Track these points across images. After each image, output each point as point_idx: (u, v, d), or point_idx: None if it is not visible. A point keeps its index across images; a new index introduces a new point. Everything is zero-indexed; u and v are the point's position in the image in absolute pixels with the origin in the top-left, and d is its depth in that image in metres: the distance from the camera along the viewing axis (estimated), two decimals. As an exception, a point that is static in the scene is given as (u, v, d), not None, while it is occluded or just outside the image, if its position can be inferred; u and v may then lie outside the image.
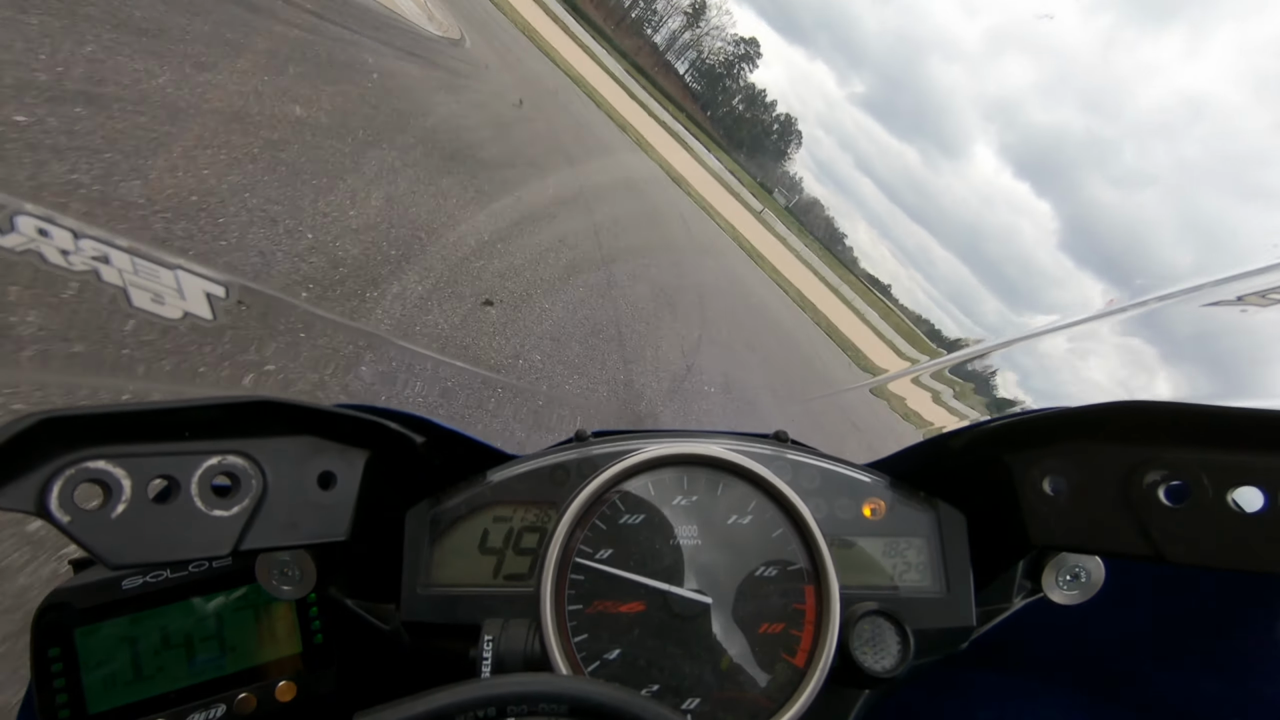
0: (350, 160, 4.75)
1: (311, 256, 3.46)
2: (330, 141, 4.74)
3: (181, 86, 3.83)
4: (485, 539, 0.63)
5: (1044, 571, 0.62)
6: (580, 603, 0.59)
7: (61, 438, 0.41)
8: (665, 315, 7.44)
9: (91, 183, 2.73)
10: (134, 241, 0.66)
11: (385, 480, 0.59)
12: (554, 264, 6.12)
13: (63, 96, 3.00)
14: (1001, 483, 0.60)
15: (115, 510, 0.43)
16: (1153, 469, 0.50)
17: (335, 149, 4.71)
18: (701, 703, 0.57)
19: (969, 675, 0.80)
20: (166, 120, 3.48)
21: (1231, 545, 0.46)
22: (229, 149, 3.72)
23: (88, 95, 3.15)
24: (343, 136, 4.96)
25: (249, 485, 0.49)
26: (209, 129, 3.74)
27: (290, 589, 0.57)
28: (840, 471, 0.68)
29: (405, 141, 5.84)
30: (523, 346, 4.35)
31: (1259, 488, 0.45)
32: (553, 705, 0.37)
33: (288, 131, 4.39)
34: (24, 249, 0.72)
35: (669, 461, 0.64)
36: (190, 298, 0.80)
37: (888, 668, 0.57)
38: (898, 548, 0.65)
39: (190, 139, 3.51)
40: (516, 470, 0.66)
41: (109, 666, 0.57)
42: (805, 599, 0.60)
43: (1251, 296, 0.85)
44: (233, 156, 3.69)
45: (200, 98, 3.91)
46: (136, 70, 3.62)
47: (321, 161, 4.41)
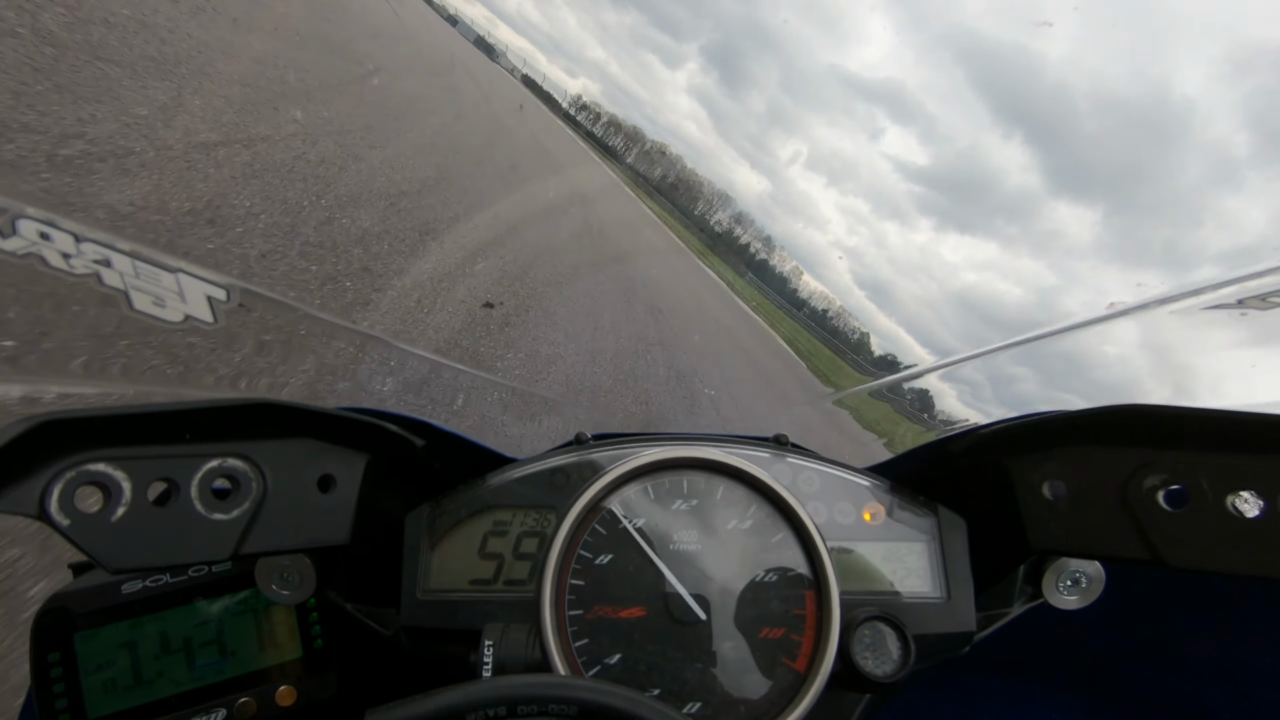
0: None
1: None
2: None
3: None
4: (485, 543, 0.63)
5: (1044, 576, 0.61)
6: (580, 608, 0.59)
7: (62, 440, 0.41)
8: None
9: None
10: (136, 245, 0.66)
11: (385, 484, 0.59)
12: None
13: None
14: (1001, 487, 0.60)
15: (115, 514, 0.43)
16: (1152, 473, 0.50)
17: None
18: (703, 707, 0.57)
19: (970, 680, 0.80)
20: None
21: (1231, 550, 0.46)
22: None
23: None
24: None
25: (249, 488, 0.49)
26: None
27: (290, 593, 0.57)
28: (840, 476, 0.68)
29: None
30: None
31: (1258, 492, 0.45)
32: (563, 706, 0.37)
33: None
34: (25, 252, 0.72)
35: (669, 465, 0.64)
36: (191, 301, 0.79)
37: (888, 672, 0.57)
38: (898, 552, 0.65)
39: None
40: (516, 474, 0.66)
41: (109, 671, 0.57)
42: (806, 604, 0.60)
43: (1252, 300, 0.84)
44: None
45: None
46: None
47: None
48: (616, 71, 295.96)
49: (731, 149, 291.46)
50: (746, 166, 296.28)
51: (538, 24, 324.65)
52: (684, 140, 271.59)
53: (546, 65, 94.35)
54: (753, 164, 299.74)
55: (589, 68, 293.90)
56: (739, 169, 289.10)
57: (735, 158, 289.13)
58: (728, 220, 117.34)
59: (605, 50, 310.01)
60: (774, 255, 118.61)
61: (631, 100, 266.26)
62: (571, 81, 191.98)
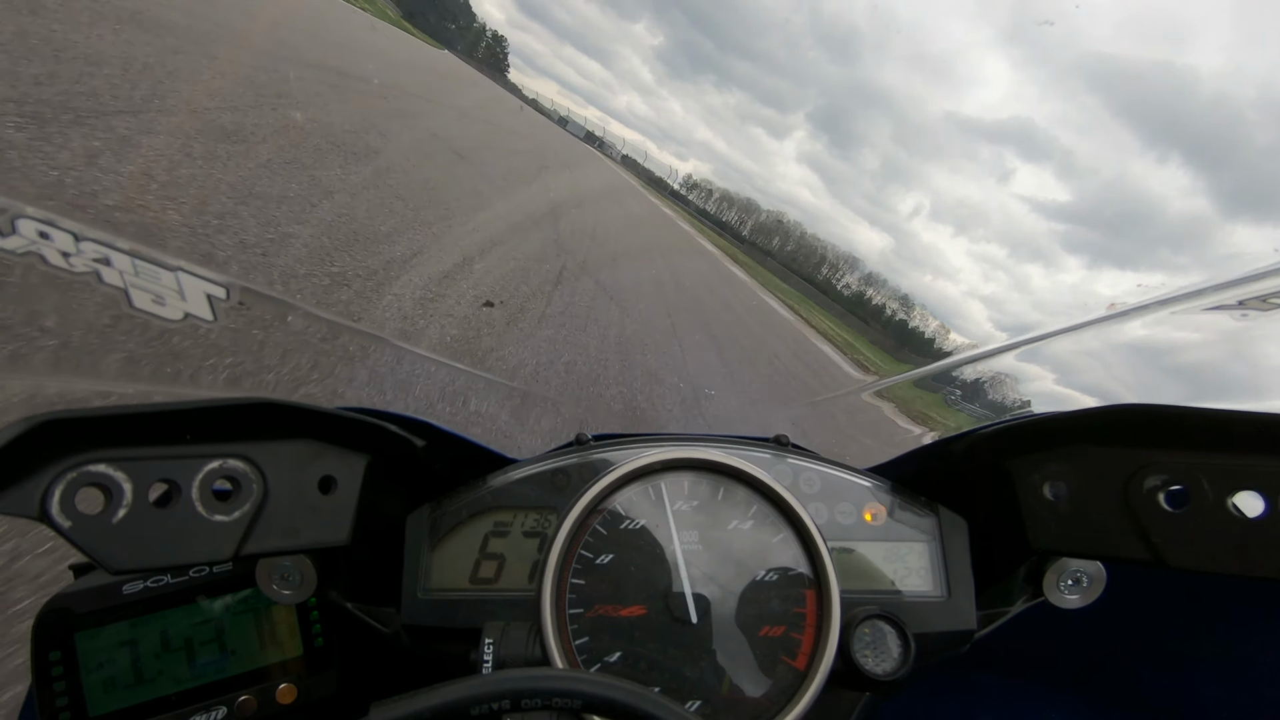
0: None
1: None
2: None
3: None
4: (486, 543, 0.63)
5: (1045, 576, 0.61)
6: (581, 606, 0.59)
7: (62, 441, 0.41)
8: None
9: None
10: (134, 243, 0.66)
11: (386, 484, 0.59)
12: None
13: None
14: (1002, 487, 0.60)
15: (116, 515, 0.43)
16: (1153, 473, 0.50)
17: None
18: (703, 705, 0.57)
19: (970, 678, 0.80)
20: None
21: (1232, 550, 0.46)
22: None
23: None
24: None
25: (249, 489, 0.49)
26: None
27: (291, 593, 0.57)
28: (841, 476, 0.68)
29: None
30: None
31: (1259, 492, 0.45)
32: (565, 699, 0.37)
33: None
34: (25, 251, 0.72)
35: (669, 466, 0.64)
36: (191, 299, 0.80)
37: (889, 671, 0.57)
38: (899, 552, 0.65)
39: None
40: (517, 475, 0.66)
41: (109, 669, 0.57)
42: (806, 603, 0.60)
43: (1253, 301, 0.85)
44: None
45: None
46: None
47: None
48: (724, 148, 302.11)
49: (847, 209, 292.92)
50: (865, 225, 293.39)
51: (646, 116, 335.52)
52: (798, 206, 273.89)
53: (656, 151, 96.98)
54: (871, 222, 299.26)
55: (697, 149, 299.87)
56: (857, 229, 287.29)
57: (852, 218, 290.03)
58: (856, 282, 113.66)
59: (712, 130, 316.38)
60: (913, 314, 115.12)
61: (741, 174, 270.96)
62: (681, 164, 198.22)
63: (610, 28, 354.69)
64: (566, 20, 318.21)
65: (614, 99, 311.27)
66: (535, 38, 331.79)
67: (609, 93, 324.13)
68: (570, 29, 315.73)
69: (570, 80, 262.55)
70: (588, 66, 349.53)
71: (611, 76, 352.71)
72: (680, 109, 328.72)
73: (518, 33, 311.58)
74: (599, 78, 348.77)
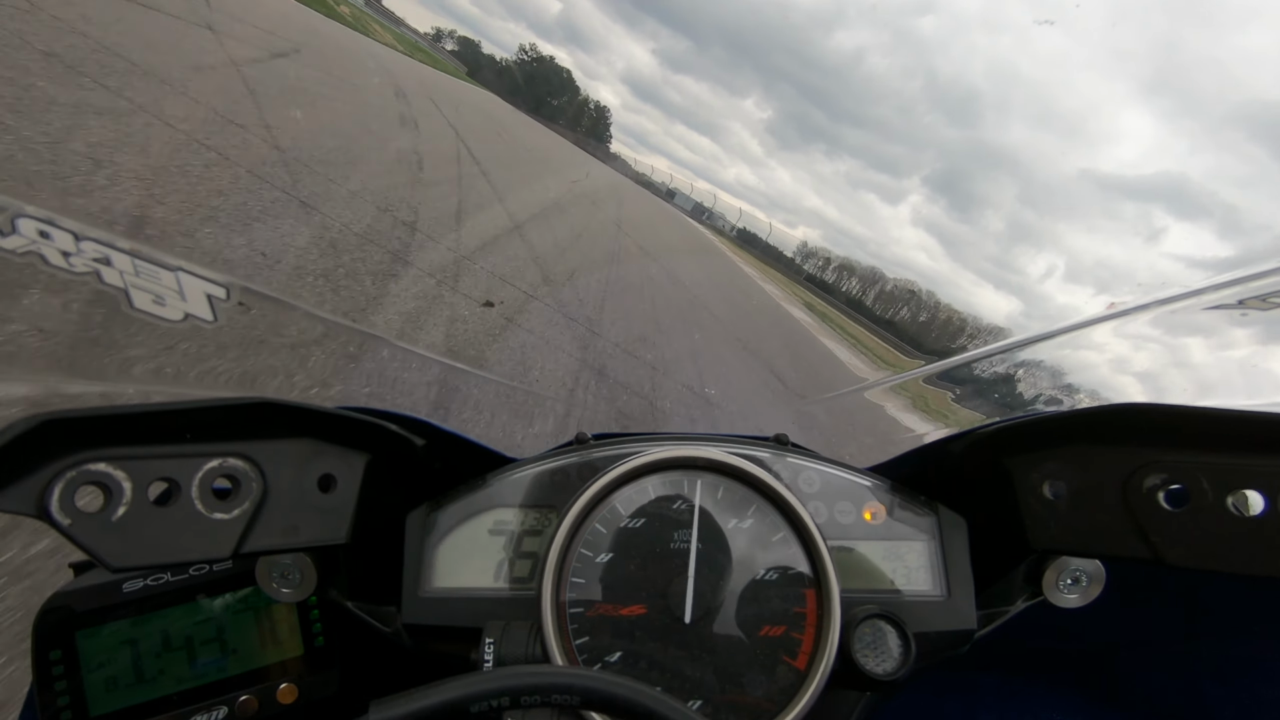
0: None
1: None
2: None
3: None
4: (486, 542, 0.63)
5: (1045, 575, 0.61)
6: (581, 605, 0.59)
7: (62, 439, 0.41)
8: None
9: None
10: (135, 243, 0.66)
11: (386, 483, 0.59)
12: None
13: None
14: (1002, 487, 0.60)
15: (116, 513, 0.43)
16: (1153, 472, 0.50)
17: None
18: (703, 705, 0.57)
19: (970, 677, 0.80)
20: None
21: (1232, 549, 0.46)
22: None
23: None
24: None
25: (249, 488, 0.49)
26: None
27: (291, 592, 0.57)
28: (841, 475, 0.68)
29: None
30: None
31: (1259, 491, 0.45)
32: (565, 696, 0.37)
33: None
34: (26, 250, 0.72)
35: (669, 465, 0.64)
36: (191, 299, 0.80)
37: (889, 670, 0.57)
38: (898, 551, 0.65)
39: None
40: (516, 474, 0.66)
41: (110, 669, 0.57)
42: (806, 602, 0.60)
43: (1252, 300, 0.85)
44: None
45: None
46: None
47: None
48: (834, 215, 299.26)
49: (969, 272, 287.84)
50: (990, 288, 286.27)
51: (753, 185, 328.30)
52: (915, 271, 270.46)
53: (765, 219, 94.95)
54: (997, 285, 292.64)
55: (806, 215, 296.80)
56: (980, 292, 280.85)
57: (975, 280, 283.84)
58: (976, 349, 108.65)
59: (821, 198, 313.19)
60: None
61: (852, 239, 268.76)
62: (791, 232, 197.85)
63: (720, 104, 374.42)
64: (677, 100, 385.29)
65: (722, 171, 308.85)
66: (647, 119, 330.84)
67: (718, 165, 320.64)
68: (680, 108, 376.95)
69: (680, 156, 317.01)
70: (697, 142, 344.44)
71: (720, 150, 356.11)
72: (789, 178, 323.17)
73: (632, 115, 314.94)
74: (708, 151, 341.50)
